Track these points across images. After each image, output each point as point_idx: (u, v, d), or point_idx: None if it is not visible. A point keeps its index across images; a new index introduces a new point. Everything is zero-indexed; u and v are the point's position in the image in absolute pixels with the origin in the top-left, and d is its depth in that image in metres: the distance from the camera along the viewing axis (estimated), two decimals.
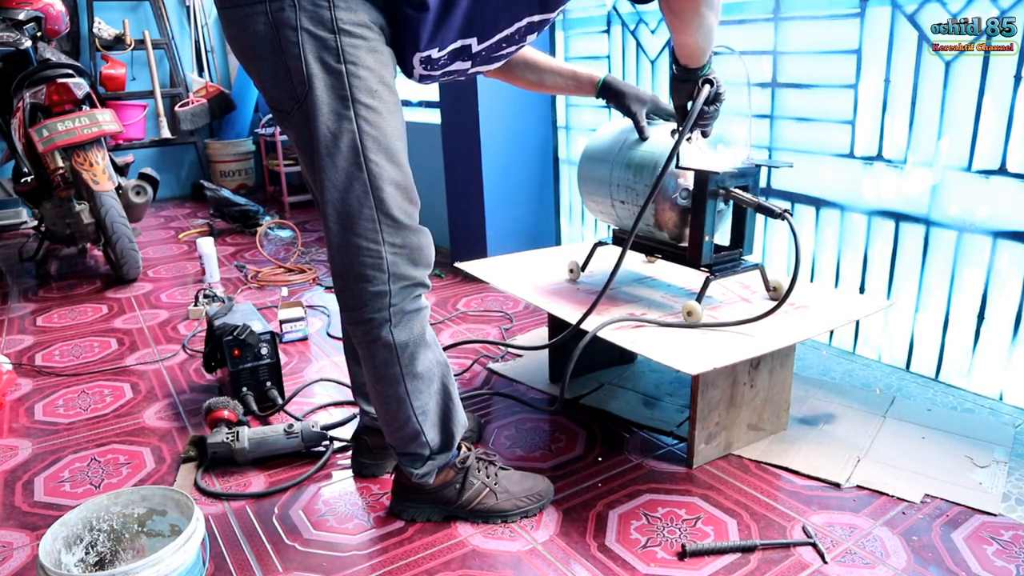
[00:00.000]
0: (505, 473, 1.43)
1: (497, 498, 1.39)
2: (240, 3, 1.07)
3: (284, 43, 1.07)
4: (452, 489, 1.37)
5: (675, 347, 1.42)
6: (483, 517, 1.39)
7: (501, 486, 1.40)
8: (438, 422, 1.32)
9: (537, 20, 1.22)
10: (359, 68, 1.09)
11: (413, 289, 1.22)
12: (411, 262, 1.20)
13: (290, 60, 1.07)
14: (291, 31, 1.06)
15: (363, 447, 1.57)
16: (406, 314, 1.22)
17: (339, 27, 1.06)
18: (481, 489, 1.39)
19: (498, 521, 1.39)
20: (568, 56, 2.94)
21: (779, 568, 1.24)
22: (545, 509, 1.42)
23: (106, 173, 2.93)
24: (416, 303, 1.23)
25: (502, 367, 2.07)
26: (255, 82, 1.17)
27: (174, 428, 1.80)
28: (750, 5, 2.14)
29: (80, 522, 1.17)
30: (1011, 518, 1.35)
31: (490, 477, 1.40)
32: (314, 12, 1.05)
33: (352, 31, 1.08)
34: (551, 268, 1.93)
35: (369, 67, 1.10)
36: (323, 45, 1.07)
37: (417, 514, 1.40)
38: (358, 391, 1.56)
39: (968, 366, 1.84)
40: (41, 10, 3.25)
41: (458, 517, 1.40)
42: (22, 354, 2.32)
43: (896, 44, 1.82)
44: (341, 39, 1.07)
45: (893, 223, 1.92)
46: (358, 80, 1.09)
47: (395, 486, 1.42)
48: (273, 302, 2.72)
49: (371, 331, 1.21)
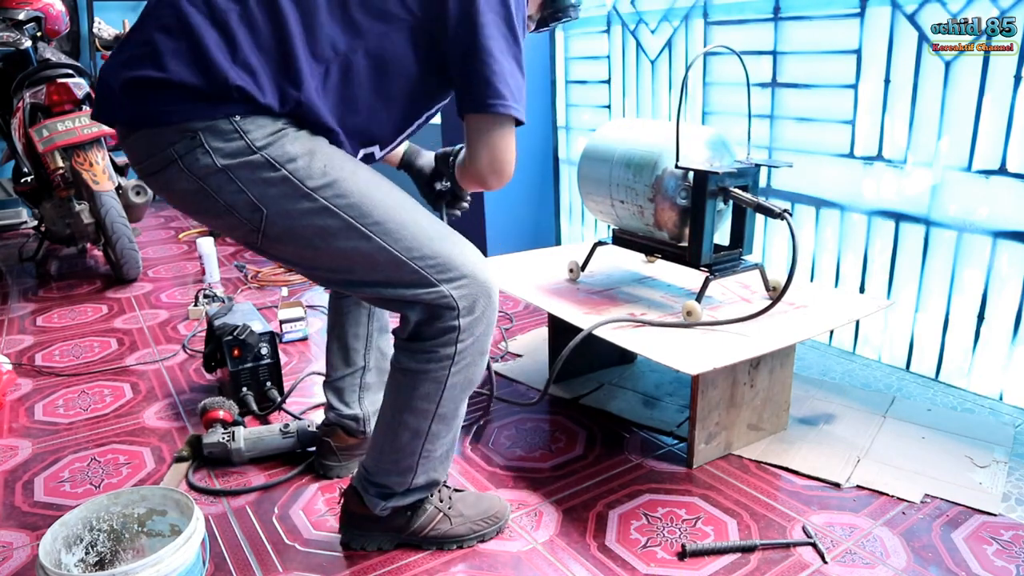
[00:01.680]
0: (459, 495, 1.35)
1: (451, 523, 1.30)
2: (155, 169, 1.04)
3: (216, 188, 1.03)
4: (402, 516, 1.29)
5: (674, 347, 1.42)
6: (437, 544, 1.31)
7: (455, 510, 1.31)
8: (432, 467, 1.25)
9: (433, 112, 1.24)
10: (297, 160, 1.04)
11: (483, 331, 1.15)
12: (477, 295, 1.12)
13: (232, 198, 1.04)
14: (216, 173, 1.02)
15: (327, 450, 1.54)
16: (474, 356, 1.16)
17: (257, 146, 1.02)
18: (435, 514, 1.30)
19: (453, 547, 1.31)
20: (568, 56, 2.94)
21: (779, 568, 1.24)
22: (502, 530, 1.36)
23: (106, 173, 2.93)
24: (483, 357, 1.18)
25: (502, 367, 2.07)
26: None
27: (174, 428, 1.80)
28: (750, 5, 2.14)
29: (80, 522, 1.17)
30: (1011, 518, 1.35)
31: (443, 501, 1.31)
32: (227, 147, 1.01)
33: (270, 140, 1.03)
34: (551, 268, 1.93)
35: (304, 152, 1.05)
36: (252, 167, 1.02)
37: (367, 543, 1.31)
38: (331, 383, 1.52)
39: (968, 366, 1.84)
40: (41, 10, 3.25)
41: (410, 544, 1.32)
42: (22, 354, 2.32)
43: (896, 44, 1.82)
44: (265, 153, 1.02)
45: (893, 223, 1.92)
46: (304, 171, 1.04)
47: (343, 513, 1.32)
48: (273, 302, 2.72)
49: (427, 363, 1.14)
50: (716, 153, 1.56)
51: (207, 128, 1.00)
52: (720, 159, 1.56)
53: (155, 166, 1.04)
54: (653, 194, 1.56)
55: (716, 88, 2.31)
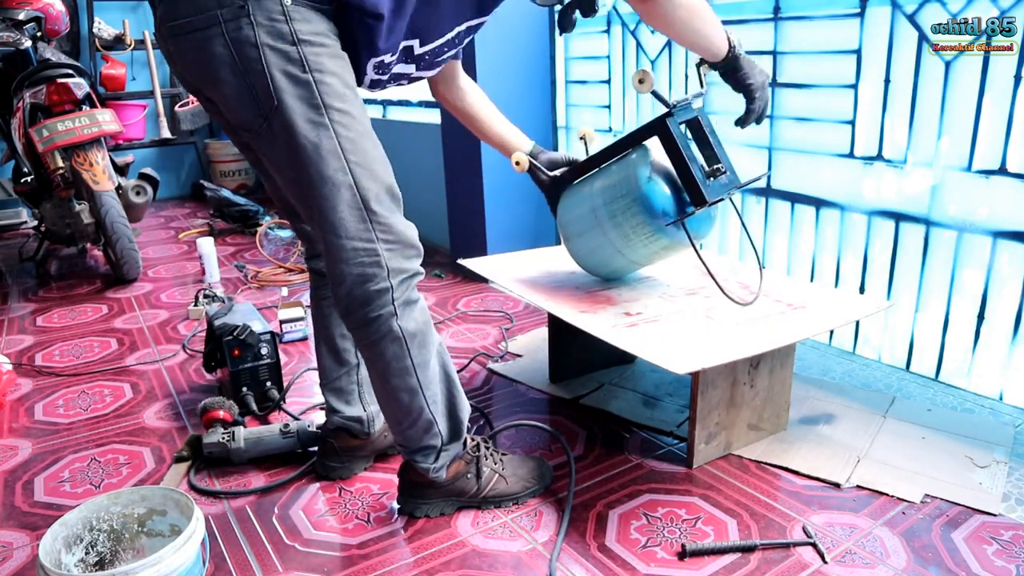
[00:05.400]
0: (508, 457, 1.47)
1: (507, 482, 1.42)
2: (193, 28, 1.06)
3: (246, 62, 1.06)
4: (466, 479, 1.39)
5: (668, 346, 1.42)
6: (495, 503, 1.42)
7: (509, 470, 1.44)
8: (446, 411, 1.33)
9: (475, 24, 1.29)
10: (325, 75, 1.09)
11: (411, 280, 1.23)
12: (405, 256, 1.21)
13: (255, 78, 1.07)
14: (252, 48, 1.05)
15: (330, 450, 1.55)
16: (409, 304, 1.23)
17: (299, 38, 1.07)
18: (491, 476, 1.41)
19: (510, 504, 1.42)
20: (568, 56, 2.94)
21: (779, 568, 1.24)
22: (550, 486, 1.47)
23: (106, 173, 2.93)
24: (415, 292, 1.25)
25: (502, 367, 2.07)
26: (216, 106, 1.17)
27: (174, 428, 1.80)
28: (750, 5, 2.14)
29: (80, 522, 1.17)
30: (1011, 518, 1.35)
31: (497, 463, 1.43)
32: (271, 27, 1.05)
33: (312, 40, 1.08)
34: (551, 268, 1.93)
35: (335, 72, 1.11)
36: (287, 58, 1.07)
37: (430, 509, 1.40)
38: (328, 386, 1.53)
39: (968, 366, 1.84)
40: (41, 10, 3.25)
41: (471, 506, 1.42)
42: (22, 354, 2.32)
43: (896, 44, 1.82)
44: (303, 49, 1.07)
45: (893, 223, 1.92)
46: (327, 87, 1.10)
47: (404, 484, 1.41)
48: (273, 302, 2.72)
49: (379, 327, 1.21)
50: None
51: (257, 2, 1.04)
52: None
53: (194, 25, 1.06)
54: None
55: (716, 88, 2.31)
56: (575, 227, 1.68)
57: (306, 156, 1.12)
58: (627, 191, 1.55)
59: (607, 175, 1.62)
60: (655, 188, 1.53)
